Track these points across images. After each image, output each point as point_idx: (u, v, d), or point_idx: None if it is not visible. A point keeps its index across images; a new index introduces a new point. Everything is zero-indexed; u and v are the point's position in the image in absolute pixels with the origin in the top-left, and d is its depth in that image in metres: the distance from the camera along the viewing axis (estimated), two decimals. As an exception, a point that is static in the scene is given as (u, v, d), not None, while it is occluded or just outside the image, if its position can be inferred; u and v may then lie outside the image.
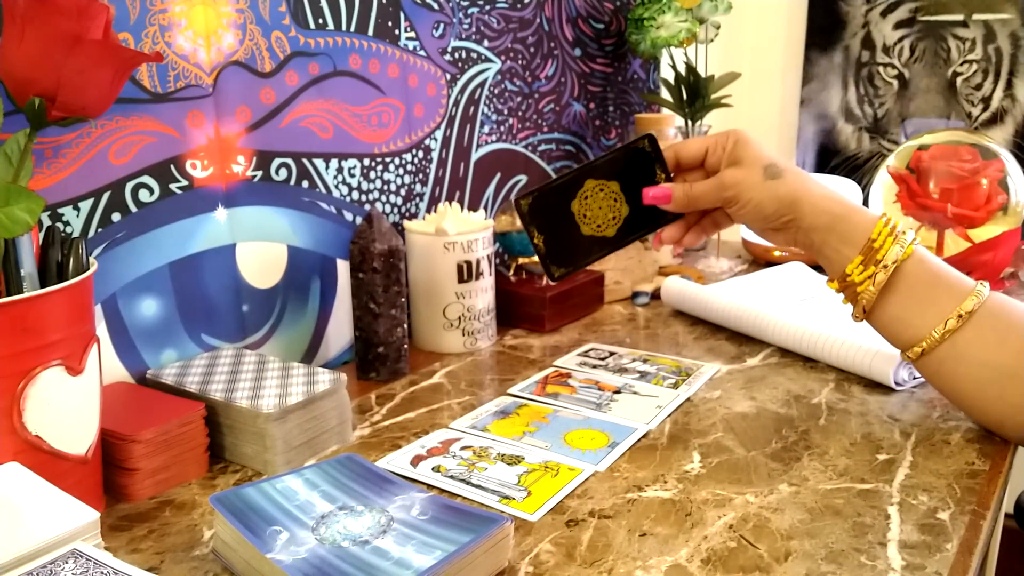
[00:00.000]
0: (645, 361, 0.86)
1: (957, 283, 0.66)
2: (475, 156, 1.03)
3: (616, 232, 0.71)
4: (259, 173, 0.78)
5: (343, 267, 0.87)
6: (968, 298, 0.64)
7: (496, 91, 1.05)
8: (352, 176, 0.87)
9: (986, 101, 1.45)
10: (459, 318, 0.89)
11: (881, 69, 1.53)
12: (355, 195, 0.88)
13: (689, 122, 1.26)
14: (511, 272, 0.99)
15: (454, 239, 0.86)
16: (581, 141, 1.23)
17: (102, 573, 0.41)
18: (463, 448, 0.67)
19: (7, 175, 0.53)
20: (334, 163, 0.85)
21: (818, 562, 0.51)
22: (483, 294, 0.90)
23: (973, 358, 0.64)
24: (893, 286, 0.66)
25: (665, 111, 1.31)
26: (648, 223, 0.72)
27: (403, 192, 0.93)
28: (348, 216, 0.87)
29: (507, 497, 0.59)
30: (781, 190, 0.68)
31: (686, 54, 1.24)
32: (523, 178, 1.12)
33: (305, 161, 0.82)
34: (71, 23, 0.51)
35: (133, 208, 0.69)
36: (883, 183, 1.14)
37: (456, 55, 0.97)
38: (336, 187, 0.85)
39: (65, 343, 0.53)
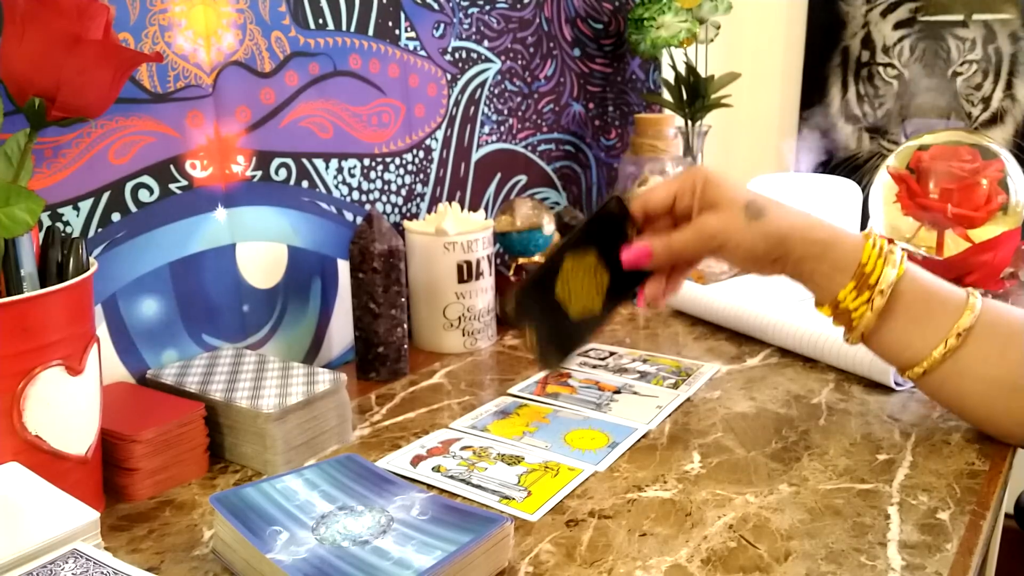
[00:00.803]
0: (645, 361, 0.86)
1: (950, 297, 0.65)
2: (475, 156, 1.03)
3: (602, 305, 0.69)
4: (259, 173, 0.78)
5: (344, 267, 0.87)
6: (964, 313, 0.63)
7: (496, 91, 1.05)
8: (352, 176, 0.87)
9: (986, 101, 1.45)
10: (459, 318, 0.89)
11: (881, 69, 1.53)
12: (355, 195, 0.88)
13: (689, 122, 1.26)
14: (511, 272, 0.99)
15: (454, 239, 0.86)
16: (580, 141, 1.23)
17: (102, 573, 0.41)
18: (463, 448, 0.67)
19: (7, 175, 0.53)
20: (334, 163, 0.85)
21: (818, 562, 0.51)
22: (483, 294, 0.90)
23: (975, 374, 0.63)
24: (889, 309, 0.64)
25: (665, 111, 1.31)
26: (630, 282, 0.70)
27: (404, 192, 0.93)
28: (348, 216, 0.87)
29: (507, 497, 0.59)
30: (769, 229, 0.65)
31: (686, 54, 1.24)
32: (523, 178, 1.12)
33: (305, 161, 0.82)
34: (71, 23, 0.51)
35: (133, 208, 0.69)
36: (883, 183, 1.13)
37: (456, 55, 0.97)
38: (336, 187, 0.85)
39: (65, 343, 0.53)
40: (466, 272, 0.88)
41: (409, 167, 0.93)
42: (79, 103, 0.53)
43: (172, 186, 0.71)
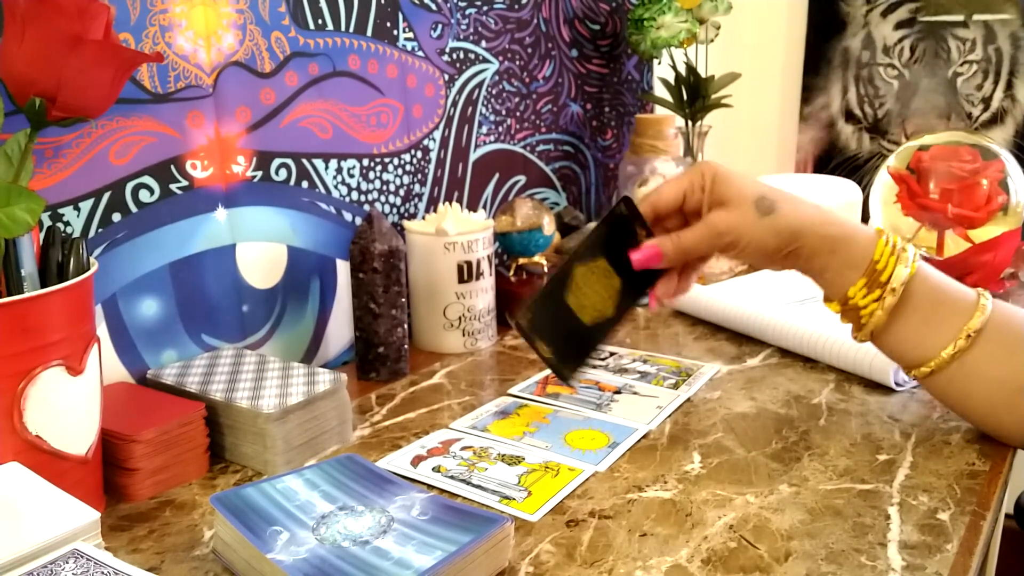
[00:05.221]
0: (645, 361, 0.86)
1: (960, 298, 0.64)
2: (473, 156, 1.03)
3: (615, 308, 0.68)
4: (259, 173, 0.78)
5: (342, 267, 0.87)
6: (975, 315, 0.63)
7: (494, 92, 1.05)
8: (351, 176, 0.87)
9: (986, 101, 1.45)
10: (459, 318, 0.89)
11: (881, 69, 1.53)
12: (354, 195, 0.88)
13: (689, 122, 1.26)
14: (511, 272, 0.99)
15: (454, 239, 0.86)
16: (579, 141, 1.23)
17: (102, 573, 0.41)
18: (463, 448, 0.67)
19: (8, 175, 0.53)
20: (333, 163, 0.85)
21: (818, 562, 0.51)
22: (483, 294, 0.90)
23: (983, 375, 0.63)
24: (899, 308, 0.64)
25: (665, 111, 1.31)
26: (642, 284, 0.69)
27: (402, 192, 0.93)
28: (347, 216, 0.87)
29: (507, 497, 0.59)
30: (780, 224, 0.64)
31: (686, 54, 1.24)
32: (522, 178, 1.12)
33: (305, 161, 0.82)
34: (71, 23, 0.51)
35: (133, 208, 0.69)
36: (883, 183, 1.13)
37: (454, 56, 0.97)
38: (335, 187, 0.85)
39: (65, 343, 0.53)
40: (466, 272, 0.88)
41: (407, 167, 0.93)
42: (79, 103, 0.53)
43: (172, 186, 0.71)
